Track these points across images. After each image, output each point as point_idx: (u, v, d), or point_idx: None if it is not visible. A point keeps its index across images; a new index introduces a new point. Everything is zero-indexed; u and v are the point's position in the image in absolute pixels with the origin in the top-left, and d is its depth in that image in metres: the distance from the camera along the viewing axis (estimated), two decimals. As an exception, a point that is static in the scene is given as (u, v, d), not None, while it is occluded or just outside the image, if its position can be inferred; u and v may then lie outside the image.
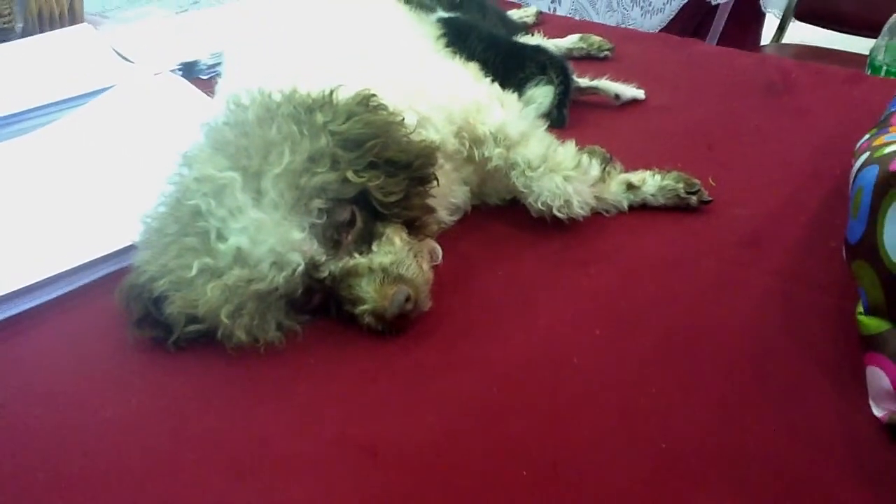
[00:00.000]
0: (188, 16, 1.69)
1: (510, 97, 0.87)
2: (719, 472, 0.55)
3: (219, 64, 1.34)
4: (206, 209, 0.63)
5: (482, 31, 1.14)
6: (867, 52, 1.52)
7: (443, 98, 0.81)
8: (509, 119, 0.83)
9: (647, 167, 0.89)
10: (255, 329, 0.66)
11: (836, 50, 2.04)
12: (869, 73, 1.48)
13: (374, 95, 0.73)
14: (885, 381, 0.57)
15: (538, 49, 1.13)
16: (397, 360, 0.67)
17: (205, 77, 1.34)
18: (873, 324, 0.59)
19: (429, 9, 1.18)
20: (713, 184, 0.90)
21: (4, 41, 1.41)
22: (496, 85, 0.88)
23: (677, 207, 0.86)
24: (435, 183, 0.74)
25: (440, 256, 0.78)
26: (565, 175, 0.80)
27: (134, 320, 0.68)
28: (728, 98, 1.15)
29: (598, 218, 0.85)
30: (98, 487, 0.57)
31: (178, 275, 0.64)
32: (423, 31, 1.06)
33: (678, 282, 0.75)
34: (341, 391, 0.64)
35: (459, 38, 1.10)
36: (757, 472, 0.55)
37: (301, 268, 0.64)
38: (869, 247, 0.58)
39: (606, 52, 1.32)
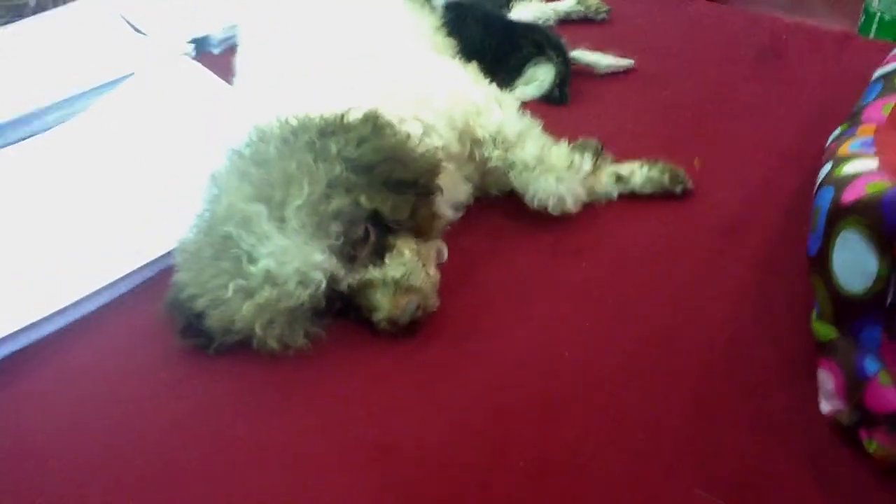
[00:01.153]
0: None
1: (507, 97, 0.93)
2: (689, 462, 0.65)
3: (230, 37, 1.39)
4: (237, 236, 0.72)
5: (478, 13, 1.19)
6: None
7: (445, 104, 0.88)
8: (507, 121, 0.90)
9: (638, 145, 0.97)
10: (285, 337, 0.75)
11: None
12: (863, 19, 1.51)
13: (380, 116, 0.80)
14: (831, 384, 0.66)
15: (535, 28, 1.19)
16: (409, 360, 0.77)
17: (216, 52, 1.39)
18: (824, 331, 0.68)
19: None
20: (698, 167, 0.97)
21: (19, 16, 1.46)
22: (493, 86, 0.94)
23: (663, 195, 0.94)
24: (440, 193, 0.82)
25: (445, 255, 0.86)
26: (558, 176, 0.88)
27: (178, 330, 0.78)
28: (720, 66, 1.20)
29: (590, 206, 0.93)
30: (156, 487, 0.67)
31: (216, 294, 0.73)
32: (425, 25, 1.11)
33: (660, 274, 0.84)
34: (360, 392, 0.74)
35: (458, 23, 1.15)
36: (722, 462, 0.65)
37: (323, 284, 0.73)
38: (822, 264, 0.66)
39: (603, 15, 1.36)
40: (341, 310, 0.79)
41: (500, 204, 0.95)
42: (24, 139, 1.14)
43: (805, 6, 2.16)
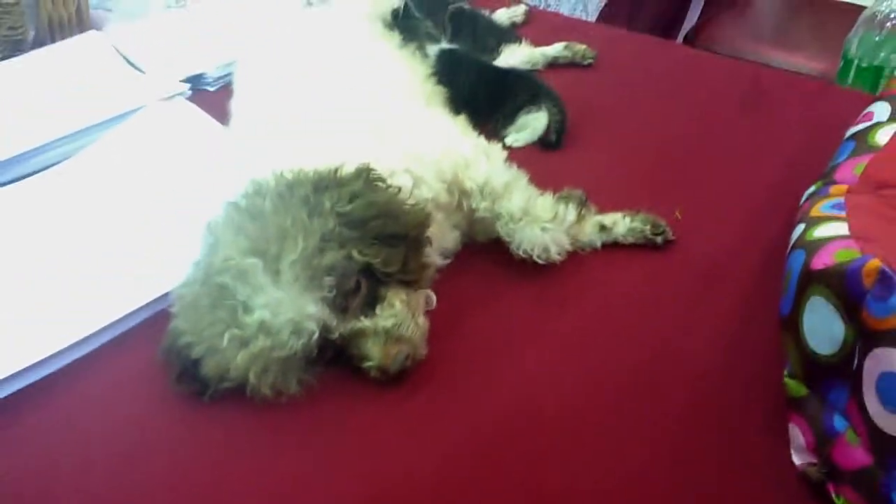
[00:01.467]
0: (188, 11, 1.74)
1: (494, 149, 0.97)
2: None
3: (226, 76, 1.42)
4: (232, 287, 0.74)
5: (472, 62, 1.23)
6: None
7: (434, 156, 0.91)
8: (494, 172, 0.93)
9: (621, 192, 1.01)
10: (279, 385, 0.77)
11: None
12: (841, 64, 1.56)
13: (372, 171, 0.83)
14: (801, 440, 0.69)
15: (528, 77, 1.22)
16: (398, 408, 0.79)
17: (212, 89, 1.42)
18: (795, 387, 0.71)
19: (433, 39, 1.26)
20: (679, 218, 1.00)
21: (17, 51, 1.48)
22: (481, 138, 0.98)
23: (645, 245, 0.97)
24: (429, 244, 0.85)
25: (434, 302, 0.89)
26: (543, 226, 0.91)
27: (174, 377, 0.80)
28: (702, 113, 1.24)
29: (575, 255, 0.96)
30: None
31: (212, 342, 0.76)
32: (416, 74, 1.14)
33: (641, 324, 0.87)
34: (350, 440, 0.77)
35: (451, 71, 1.20)
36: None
37: (316, 334, 0.76)
38: (793, 326, 0.70)
39: (590, 60, 1.40)
40: (332, 357, 0.82)
41: (487, 250, 0.98)
42: (20, 178, 1.16)
43: (790, 41, 2.21)
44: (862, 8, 2.29)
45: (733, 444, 0.74)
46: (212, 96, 1.41)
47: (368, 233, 0.78)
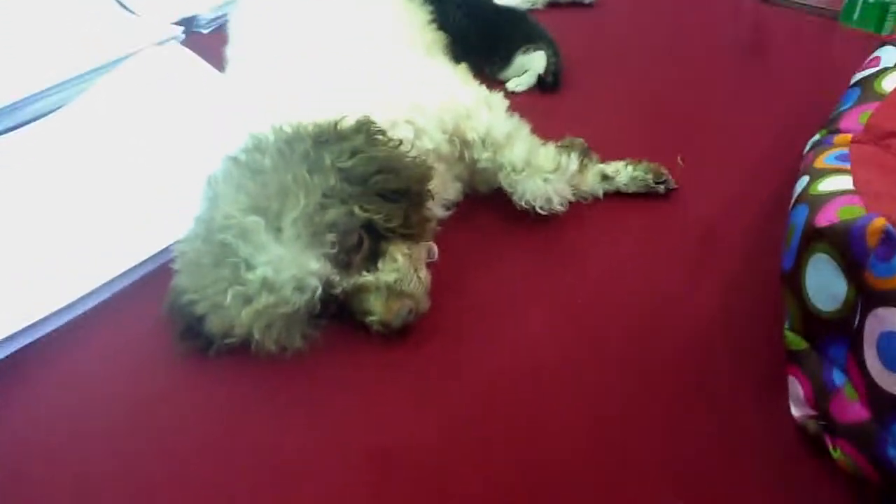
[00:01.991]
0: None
1: (496, 99, 0.95)
2: (663, 474, 0.69)
3: (219, 17, 1.39)
4: (234, 245, 0.74)
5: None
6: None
7: (435, 107, 0.90)
8: (495, 123, 0.92)
9: (623, 141, 1.01)
10: (283, 340, 0.78)
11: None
12: (847, 1, 1.52)
13: (372, 124, 0.82)
14: (800, 392, 0.70)
15: (521, 17, 1.20)
16: (402, 365, 0.80)
17: (205, 32, 1.39)
18: (795, 341, 0.72)
19: None
20: (682, 164, 1.00)
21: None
22: (483, 88, 0.96)
23: (647, 194, 0.97)
24: (431, 198, 0.85)
25: (436, 254, 0.89)
26: (545, 177, 0.90)
27: (178, 333, 0.81)
28: (704, 58, 1.22)
29: (577, 207, 0.96)
30: (156, 492, 0.70)
31: (215, 300, 0.76)
32: (416, 21, 1.12)
33: (639, 286, 0.87)
34: (355, 398, 0.78)
35: (441, 9, 1.17)
36: (693, 475, 0.69)
37: (319, 290, 0.76)
38: (795, 282, 0.70)
39: (591, 0, 1.37)
40: (336, 312, 0.82)
41: (488, 202, 0.98)
42: (11, 127, 1.15)
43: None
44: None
45: (733, 398, 0.75)
46: (205, 39, 1.39)
47: (370, 188, 0.78)
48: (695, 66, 1.20)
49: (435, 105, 0.90)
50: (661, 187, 0.96)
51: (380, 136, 0.82)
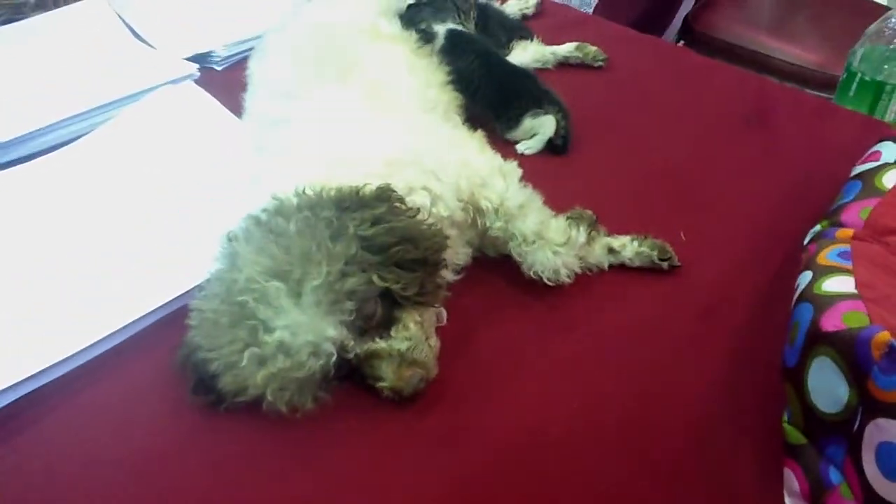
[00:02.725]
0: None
1: (510, 168, 0.98)
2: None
3: (232, 55, 1.41)
4: (253, 307, 0.76)
5: (480, 48, 1.25)
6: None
7: (452, 175, 0.92)
8: (509, 193, 0.94)
9: (628, 210, 1.05)
10: (295, 402, 0.79)
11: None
12: (844, 76, 1.57)
13: (393, 192, 0.84)
14: (795, 485, 0.73)
15: (532, 81, 1.23)
16: (409, 428, 0.82)
17: (219, 69, 1.41)
18: (794, 434, 0.74)
19: (439, 20, 1.26)
20: (684, 239, 1.03)
21: (19, 15, 1.45)
22: (498, 156, 0.99)
23: (652, 269, 0.99)
24: (445, 267, 0.87)
25: (445, 319, 0.91)
26: (555, 250, 0.93)
27: (190, 386, 0.82)
28: (708, 128, 1.25)
29: (583, 276, 0.98)
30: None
31: (230, 359, 0.77)
32: (433, 82, 1.14)
33: (642, 355, 0.89)
34: (360, 461, 0.79)
35: (458, 53, 1.22)
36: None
37: (334, 356, 0.78)
38: (798, 379, 0.73)
39: (601, 63, 1.40)
40: (347, 374, 0.84)
41: (495, 264, 1.00)
42: (22, 159, 1.16)
43: (789, 32, 2.22)
44: (863, 1, 2.32)
45: (729, 482, 0.77)
46: (219, 76, 1.40)
47: (389, 258, 0.80)
48: (698, 136, 1.23)
49: (452, 172, 0.92)
50: (665, 264, 0.98)
51: (400, 205, 0.84)
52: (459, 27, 1.30)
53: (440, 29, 1.28)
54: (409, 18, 1.29)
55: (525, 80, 1.24)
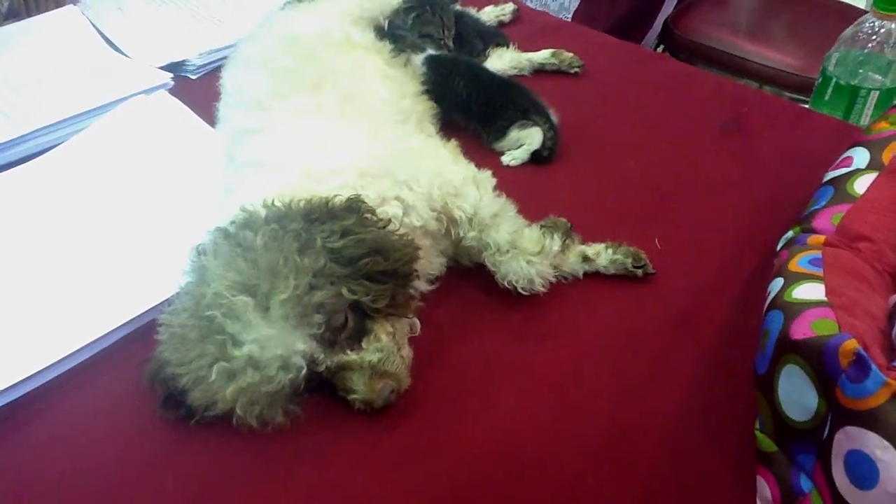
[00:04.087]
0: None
1: (484, 177, 0.97)
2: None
3: (207, 64, 1.40)
4: (222, 322, 0.75)
5: (463, 68, 1.24)
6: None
7: (425, 185, 0.92)
8: (483, 202, 0.94)
9: (603, 218, 1.05)
10: (265, 416, 0.78)
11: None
12: (820, 80, 1.58)
13: (363, 203, 0.83)
14: (767, 492, 0.72)
15: (520, 91, 1.23)
16: (381, 441, 0.81)
17: (193, 77, 1.40)
18: (766, 442, 0.74)
19: (419, 48, 1.26)
20: (659, 247, 1.03)
21: (-8, 23, 1.44)
22: (471, 166, 0.99)
23: (626, 276, 0.99)
24: (417, 279, 0.86)
25: (418, 329, 0.90)
26: (529, 259, 0.92)
27: (160, 402, 0.81)
28: (684, 135, 1.25)
29: (558, 285, 0.98)
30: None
31: (199, 374, 0.76)
32: (407, 92, 1.14)
33: (617, 364, 0.89)
34: (334, 474, 0.79)
35: (444, 79, 1.21)
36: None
37: (304, 370, 0.77)
38: (768, 386, 0.72)
39: (577, 69, 1.40)
40: (317, 386, 0.83)
41: (469, 273, 1.00)
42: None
43: (768, 36, 2.23)
44: (840, 5, 2.33)
45: (702, 490, 0.77)
46: (193, 84, 1.39)
47: (358, 270, 0.79)
48: (674, 144, 1.23)
49: (425, 182, 0.92)
50: (640, 271, 0.98)
51: (370, 216, 0.83)
52: (436, 52, 1.29)
53: (417, 59, 1.27)
54: (392, 37, 1.28)
55: (512, 90, 1.24)
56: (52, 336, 0.88)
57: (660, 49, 2.33)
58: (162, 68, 1.37)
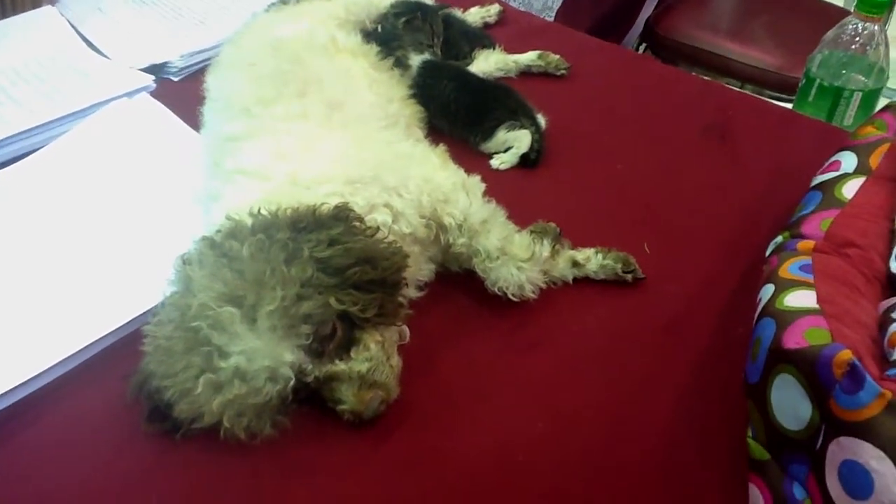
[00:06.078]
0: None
1: (473, 183, 0.96)
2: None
3: (189, 66, 1.38)
4: (208, 333, 0.74)
5: (453, 71, 1.24)
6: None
7: (414, 192, 0.91)
8: (472, 209, 0.93)
9: (591, 222, 1.05)
10: (253, 428, 0.77)
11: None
12: (803, 81, 1.58)
13: (351, 212, 0.82)
14: (761, 501, 0.72)
15: (508, 93, 1.23)
16: (371, 452, 0.80)
17: (175, 79, 1.38)
18: (758, 450, 0.74)
19: (416, 51, 1.26)
20: (648, 251, 1.02)
21: (-34, 25, 1.41)
22: (461, 171, 0.98)
23: (616, 281, 0.99)
24: (406, 287, 0.85)
25: (407, 337, 0.89)
26: (519, 266, 0.92)
27: (145, 416, 0.80)
28: (672, 138, 1.25)
29: (548, 290, 0.97)
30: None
31: (185, 386, 0.75)
32: (395, 96, 1.13)
33: (607, 370, 0.89)
34: (323, 486, 0.78)
35: (433, 81, 1.21)
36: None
37: (292, 381, 0.76)
38: (760, 396, 0.72)
39: (563, 71, 1.39)
40: (306, 397, 0.82)
41: (459, 279, 0.99)
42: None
43: (749, 35, 2.24)
44: (820, 4, 2.35)
45: (694, 498, 0.77)
46: (175, 86, 1.37)
47: (346, 280, 0.78)
48: (661, 147, 1.23)
49: (414, 188, 0.91)
50: (630, 276, 0.98)
51: (357, 224, 0.82)
52: (431, 57, 1.29)
53: (415, 60, 1.27)
54: (384, 41, 1.27)
55: (499, 92, 1.24)
56: (31, 349, 0.86)
57: (641, 48, 2.33)
58: (143, 70, 1.35)
